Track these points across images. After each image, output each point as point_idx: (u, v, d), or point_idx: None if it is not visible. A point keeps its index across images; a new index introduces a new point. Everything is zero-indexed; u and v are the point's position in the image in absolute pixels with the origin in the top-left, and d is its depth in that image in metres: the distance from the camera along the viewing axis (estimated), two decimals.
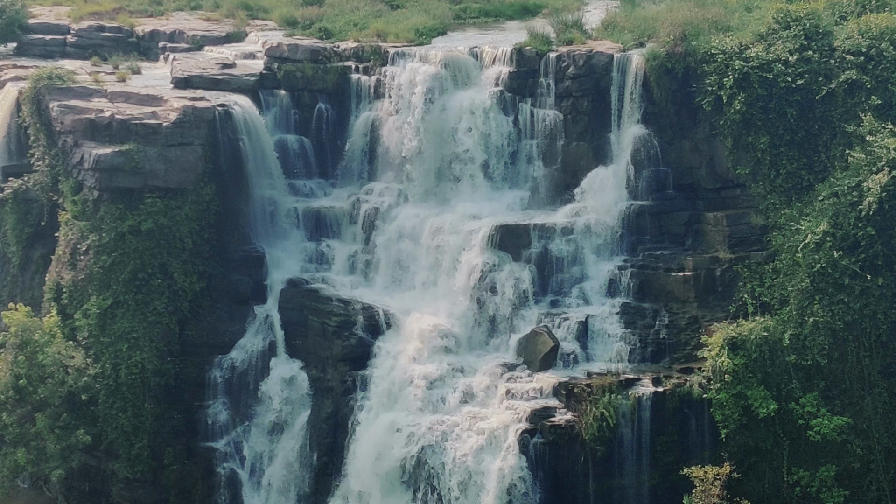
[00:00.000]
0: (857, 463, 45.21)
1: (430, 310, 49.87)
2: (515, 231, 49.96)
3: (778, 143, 47.88)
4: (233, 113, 52.00)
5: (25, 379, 48.95)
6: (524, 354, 48.21)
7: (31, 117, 53.77)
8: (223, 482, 50.10)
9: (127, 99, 52.95)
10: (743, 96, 47.85)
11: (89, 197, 50.59)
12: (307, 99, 54.91)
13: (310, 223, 53.53)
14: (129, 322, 49.61)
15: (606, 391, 45.50)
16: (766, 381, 45.48)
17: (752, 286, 47.39)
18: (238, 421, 50.59)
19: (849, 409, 45.32)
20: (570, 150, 51.67)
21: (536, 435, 45.68)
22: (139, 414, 49.56)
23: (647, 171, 50.35)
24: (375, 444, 47.62)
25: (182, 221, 50.35)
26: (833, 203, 45.50)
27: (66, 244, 51.42)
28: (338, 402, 49.36)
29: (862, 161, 45.35)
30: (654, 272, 49.21)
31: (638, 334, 48.21)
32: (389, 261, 52.06)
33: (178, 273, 50.24)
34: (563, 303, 49.62)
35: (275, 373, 50.51)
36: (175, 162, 50.35)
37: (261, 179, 52.79)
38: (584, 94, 51.25)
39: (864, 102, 46.77)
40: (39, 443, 49.10)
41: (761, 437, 45.44)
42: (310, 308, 50.73)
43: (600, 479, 45.97)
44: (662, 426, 45.97)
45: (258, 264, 52.08)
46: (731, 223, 48.81)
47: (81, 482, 50.78)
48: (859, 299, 44.93)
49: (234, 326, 51.34)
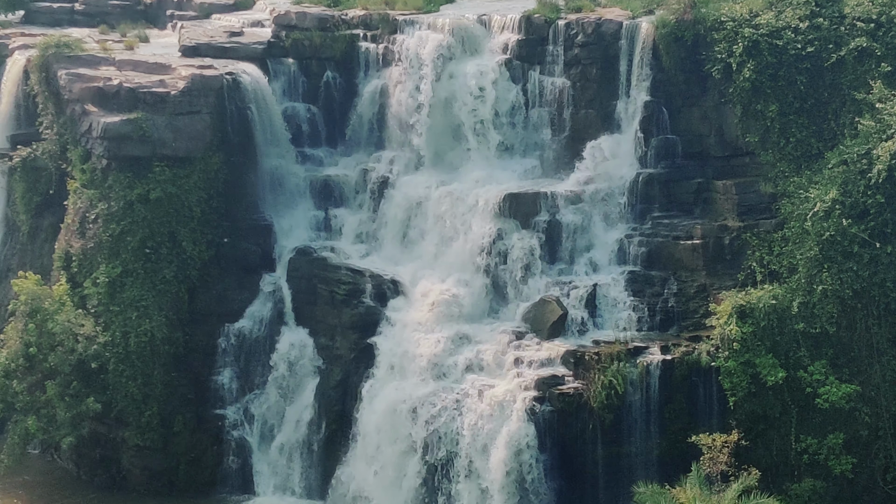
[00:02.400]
0: (865, 430, 45.22)
1: (438, 278, 49.90)
2: (524, 199, 49.89)
3: (787, 110, 47.72)
4: (241, 81, 51.97)
5: (35, 347, 49.14)
6: (532, 322, 48.24)
7: (40, 86, 53.74)
8: (232, 449, 50.29)
9: (135, 67, 52.95)
10: (752, 64, 47.66)
11: (98, 165, 50.65)
12: (315, 67, 54.75)
13: (318, 192, 53.53)
14: (138, 290, 49.71)
15: (615, 359, 45.55)
16: (775, 349, 45.45)
17: (760, 254, 47.33)
18: (247, 389, 50.75)
19: (857, 377, 45.28)
20: (579, 119, 51.57)
21: (545, 403, 45.71)
22: (149, 382, 49.73)
23: (655, 140, 50.23)
24: (384, 412, 47.71)
25: (190, 190, 50.38)
26: (842, 171, 45.35)
27: (74, 213, 51.48)
28: (346, 369, 49.47)
29: (871, 128, 45.18)
30: (663, 240, 49.13)
31: (646, 302, 48.19)
32: (398, 229, 52.06)
33: (187, 241, 50.29)
34: (571, 271, 49.59)
35: (284, 341, 50.64)
36: (183, 130, 50.36)
37: (269, 148, 52.80)
38: (593, 62, 51.10)
39: (873, 70, 46.56)
40: (50, 410, 49.29)
41: (769, 404, 45.45)
42: (318, 276, 50.78)
43: (608, 446, 46.04)
44: (670, 394, 45.99)
45: (267, 233, 52.15)
46: (740, 191, 48.67)
47: (91, 449, 50.98)
48: (868, 267, 44.84)
49: (243, 295, 51.44)
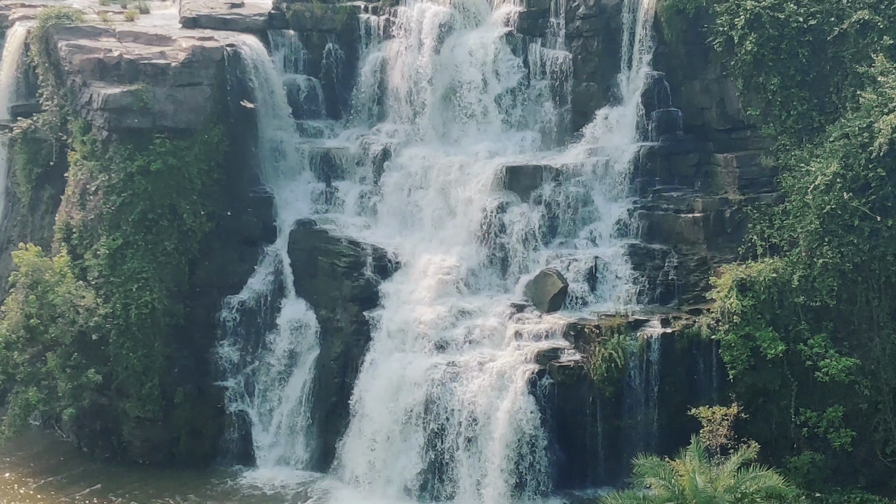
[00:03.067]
0: (865, 404, 45.24)
1: (438, 251, 49.95)
2: (525, 172, 49.87)
3: (789, 83, 47.60)
4: (241, 53, 51.87)
5: (36, 318, 49.14)
6: (533, 295, 48.25)
7: (40, 57, 53.63)
8: (233, 421, 50.32)
9: (135, 38, 52.83)
10: (754, 37, 47.53)
11: (98, 137, 50.57)
12: (316, 39, 54.72)
13: (319, 164, 53.51)
14: (138, 262, 49.69)
15: (615, 332, 45.61)
16: (775, 323, 45.47)
17: (761, 228, 47.29)
18: (248, 361, 50.78)
19: (857, 351, 45.29)
20: (580, 91, 51.50)
21: (545, 376, 45.77)
22: (149, 354, 49.75)
23: (657, 113, 50.16)
24: (384, 385, 47.74)
25: (191, 162, 50.30)
26: (844, 144, 45.26)
27: (75, 184, 51.41)
28: (347, 342, 49.48)
29: (873, 102, 45.05)
30: (664, 213, 49.13)
31: (647, 275, 48.20)
32: (398, 202, 52.03)
33: (188, 214, 50.24)
34: (572, 244, 49.60)
35: (284, 313, 50.65)
36: (184, 102, 50.26)
37: (270, 120, 52.75)
38: (595, 35, 51.03)
39: (876, 43, 46.39)
40: (50, 382, 49.36)
41: (769, 378, 45.49)
42: (319, 249, 50.77)
43: (608, 419, 46.14)
44: (671, 367, 46.06)
45: (267, 205, 52.14)
46: (741, 164, 48.62)
47: (92, 421, 51.02)
48: (869, 241, 44.80)
49: (244, 267, 51.47)
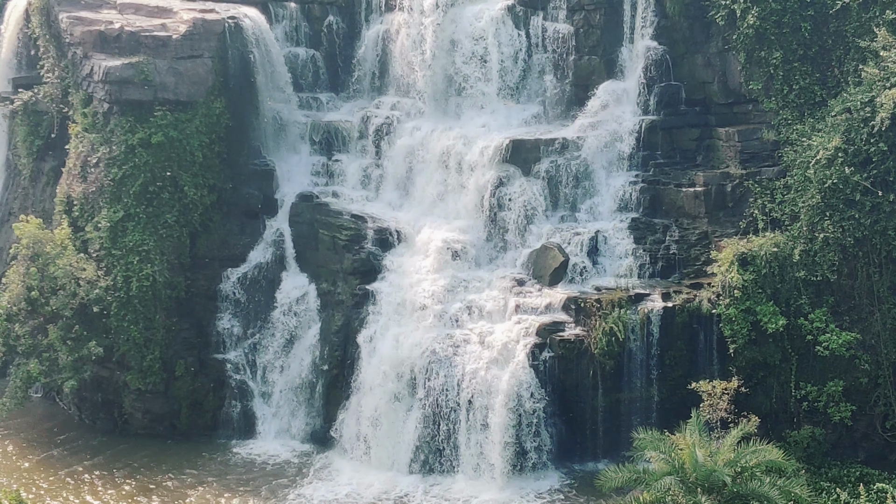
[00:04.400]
0: (865, 378, 45.33)
1: (440, 224, 49.92)
2: (526, 145, 49.82)
3: (791, 58, 47.54)
4: (243, 25, 51.74)
5: (37, 290, 49.19)
6: (534, 269, 48.28)
7: (41, 29, 53.52)
8: (234, 394, 50.43)
9: (136, 11, 52.66)
10: (756, 10, 47.43)
11: (99, 109, 50.49)
12: (317, 11, 54.63)
13: (320, 137, 53.47)
14: (140, 235, 49.67)
15: (616, 306, 45.69)
16: (776, 297, 45.54)
17: (762, 202, 47.29)
18: (249, 333, 50.82)
19: (857, 325, 45.37)
20: (582, 65, 51.41)
21: (546, 349, 45.87)
22: (151, 326, 49.80)
23: (658, 86, 50.11)
24: (385, 358, 47.79)
25: (192, 134, 50.23)
26: (845, 119, 45.21)
27: (76, 157, 51.36)
28: (348, 315, 49.50)
29: (875, 76, 45.00)
30: (665, 187, 49.14)
31: (648, 249, 48.23)
32: (400, 175, 52.02)
33: (189, 186, 50.20)
34: (573, 218, 49.64)
35: (285, 286, 50.70)
36: (185, 75, 50.19)
37: (271, 93, 52.63)
38: (597, 8, 50.94)
39: (878, 17, 46.28)
40: (52, 354, 49.43)
41: (769, 352, 45.57)
42: (320, 222, 50.77)
43: (609, 392, 46.27)
44: (671, 341, 46.15)
45: (268, 178, 52.12)
46: (743, 139, 48.61)
47: (93, 393, 51.12)
48: (870, 215, 44.81)
49: (245, 240, 51.49)
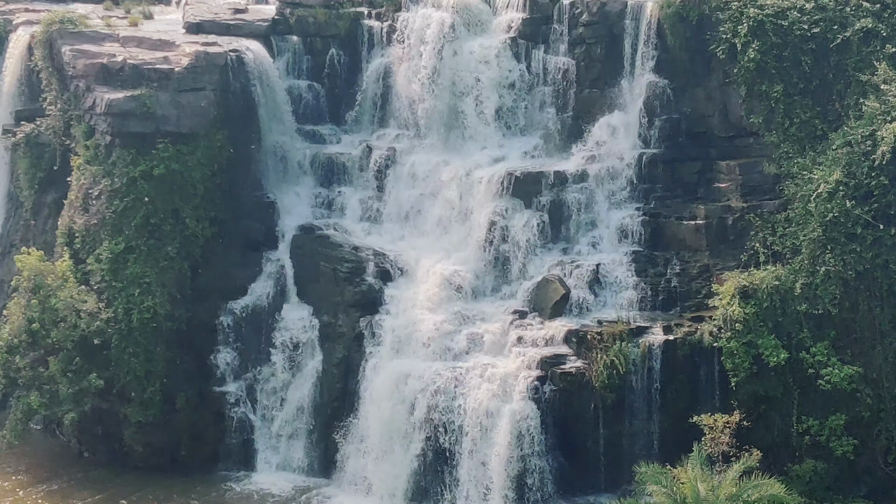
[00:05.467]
0: (867, 412, 45.18)
1: (441, 256, 49.95)
2: (528, 178, 49.85)
3: (792, 91, 47.61)
4: (245, 59, 51.90)
5: (38, 323, 49.12)
6: (535, 302, 48.23)
7: (44, 61, 53.66)
8: (234, 426, 50.31)
9: (139, 44, 52.85)
10: (757, 44, 47.54)
11: (101, 142, 50.56)
12: (319, 45, 54.75)
13: (321, 169, 53.52)
14: (141, 267, 49.67)
15: (617, 339, 45.61)
16: (777, 330, 45.45)
17: (764, 235, 47.29)
18: (249, 366, 50.72)
19: (859, 359, 45.25)
20: (583, 98, 51.49)
21: (547, 382, 45.75)
22: (151, 358, 49.72)
23: (659, 119, 50.18)
24: (386, 391, 47.72)
25: (194, 167, 50.30)
26: (846, 152, 45.25)
27: (78, 189, 51.41)
28: (349, 347, 49.46)
29: (876, 110, 45.06)
30: (666, 220, 49.16)
31: (649, 282, 48.20)
32: (401, 207, 52.06)
33: (190, 218, 50.24)
34: (574, 250, 49.64)
35: (286, 318, 50.63)
36: (187, 107, 50.31)
37: (272, 125, 52.74)
38: (598, 42, 51.03)
39: (879, 51, 46.39)
40: (52, 386, 49.32)
41: (771, 385, 45.45)
42: (321, 254, 50.76)
43: (610, 426, 46.14)
44: (673, 374, 46.04)
45: (270, 210, 52.16)
46: (744, 172, 48.65)
47: (94, 425, 51.00)
48: (871, 249, 44.79)
49: (246, 272, 51.45)
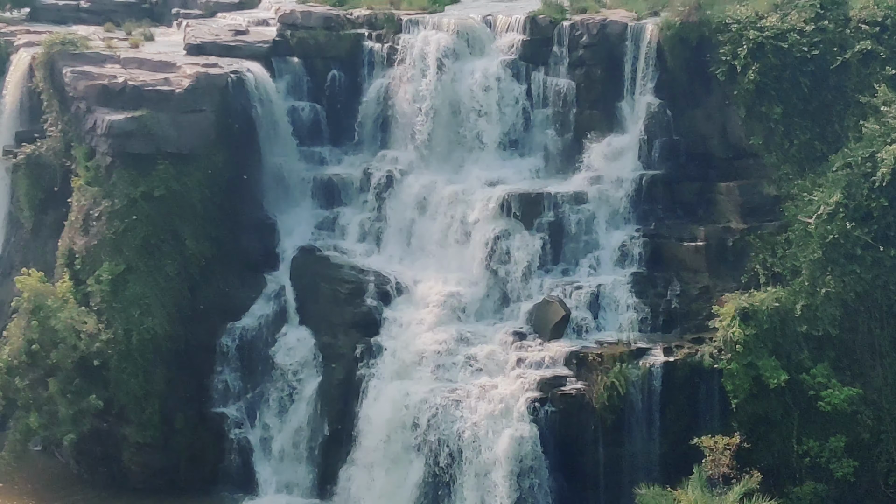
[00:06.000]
0: (867, 434, 45.17)
1: (441, 277, 49.89)
2: (528, 199, 49.85)
3: (791, 113, 47.70)
4: (245, 80, 51.97)
5: (38, 344, 49.05)
6: (535, 323, 48.23)
7: (45, 83, 53.76)
8: (234, 448, 50.22)
9: (140, 65, 52.97)
10: (757, 66, 47.64)
11: (102, 163, 50.63)
12: (320, 66, 54.80)
13: (322, 190, 53.51)
14: (141, 287, 49.68)
15: (617, 360, 45.58)
16: (777, 352, 45.44)
17: (764, 256, 47.31)
18: (249, 387, 50.69)
19: (859, 380, 45.25)
20: (583, 119, 51.51)
21: (547, 403, 45.69)
22: (151, 379, 49.66)
23: (659, 141, 50.21)
24: (386, 412, 47.66)
25: (194, 188, 50.36)
26: (846, 174, 45.34)
27: (78, 210, 51.46)
28: (349, 369, 49.38)
29: (876, 132, 45.18)
30: (666, 241, 49.15)
31: (649, 304, 48.16)
32: (401, 228, 52.04)
33: (190, 239, 50.26)
34: (574, 271, 49.60)
35: (286, 339, 50.61)
36: (187, 128, 50.36)
37: (273, 147, 52.78)
38: (598, 63, 51.08)
39: (878, 73, 46.53)
40: (51, 407, 49.27)
41: (771, 407, 45.43)
42: (321, 275, 50.76)
43: (610, 447, 46.06)
44: (673, 396, 46.00)
45: (270, 231, 52.17)
46: (744, 193, 48.67)
47: (93, 446, 50.89)
48: (871, 270, 44.84)
49: (246, 293, 51.42)
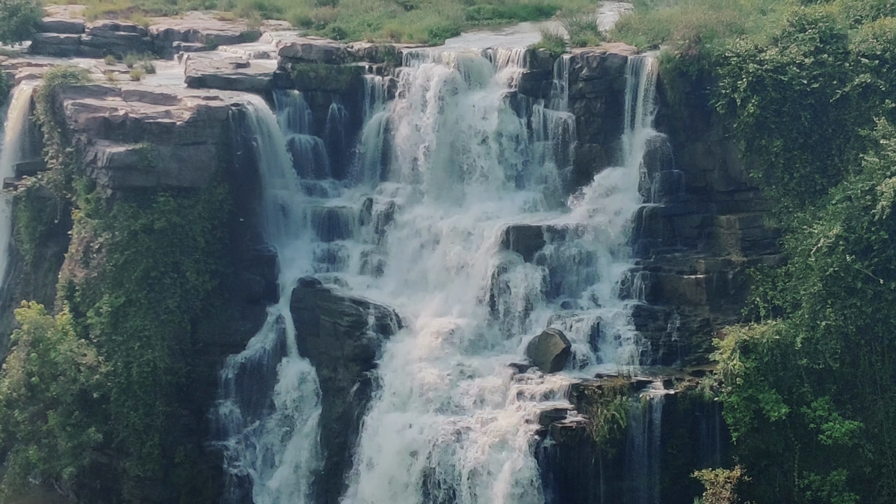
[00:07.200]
0: (869, 467, 45.07)
1: (441, 310, 49.89)
2: (528, 232, 49.91)
3: (791, 146, 47.77)
4: (246, 112, 52.08)
5: (38, 376, 49.00)
6: (535, 356, 48.17)
7: (46, 115, 53.88)
8: (233, 481, 50.11)
9: (141, 98, 53.07)
10: (757, 99, 47.74)
11: (103, 195, 50.71)
12: (320, 99, 54.92)
13: (322, 223, 53.54)
14: (141, 320, 49.69)
15: (617, 393, 45.50)
16: (778, 385, 45.38)
17: (764, 289, 47.28)
18: (249, 420, 50.61)
19: (860, 414, 45.18)
20: (583, 152, 51.59)
21: (547, 437, 45.64)
22: (150, 412, 49.61)
23: (659, 174, 50.25)
24: (386, 445, 47.59)
25: (195, 220, 50.43)
26: (846, 207, 45.37)
27: (79, 242, 51.51)
28: (348, 401, 49.34)
29: (875, 165, 45.21)
30: (667, 274, 49.13)
31: (649, 336, 48.12)
32: (402, 261, 52.03)
33: (191, 272, 50.30)
34: (574, 304, 49.56)
35: (286, 372, 50.57)
36: (188, 161, 50.47)
37: (273, 179, 52.83)
38: (598, 96, 51.17)
39: (878, 106, 46.58)
40: (51, 440, 49.19)
41: (772, 440, 45.35)
42: (321, 308, 50.76)
43: (610, 481, 45.94)
44: (673, 429, 45.92)
45: (270, 264, 52.16)
46: (744, 226, 48.70)
47: (92, 480, 50.84)
48: (872, 303, 44.80)
49: (246, 326, 51.41)
